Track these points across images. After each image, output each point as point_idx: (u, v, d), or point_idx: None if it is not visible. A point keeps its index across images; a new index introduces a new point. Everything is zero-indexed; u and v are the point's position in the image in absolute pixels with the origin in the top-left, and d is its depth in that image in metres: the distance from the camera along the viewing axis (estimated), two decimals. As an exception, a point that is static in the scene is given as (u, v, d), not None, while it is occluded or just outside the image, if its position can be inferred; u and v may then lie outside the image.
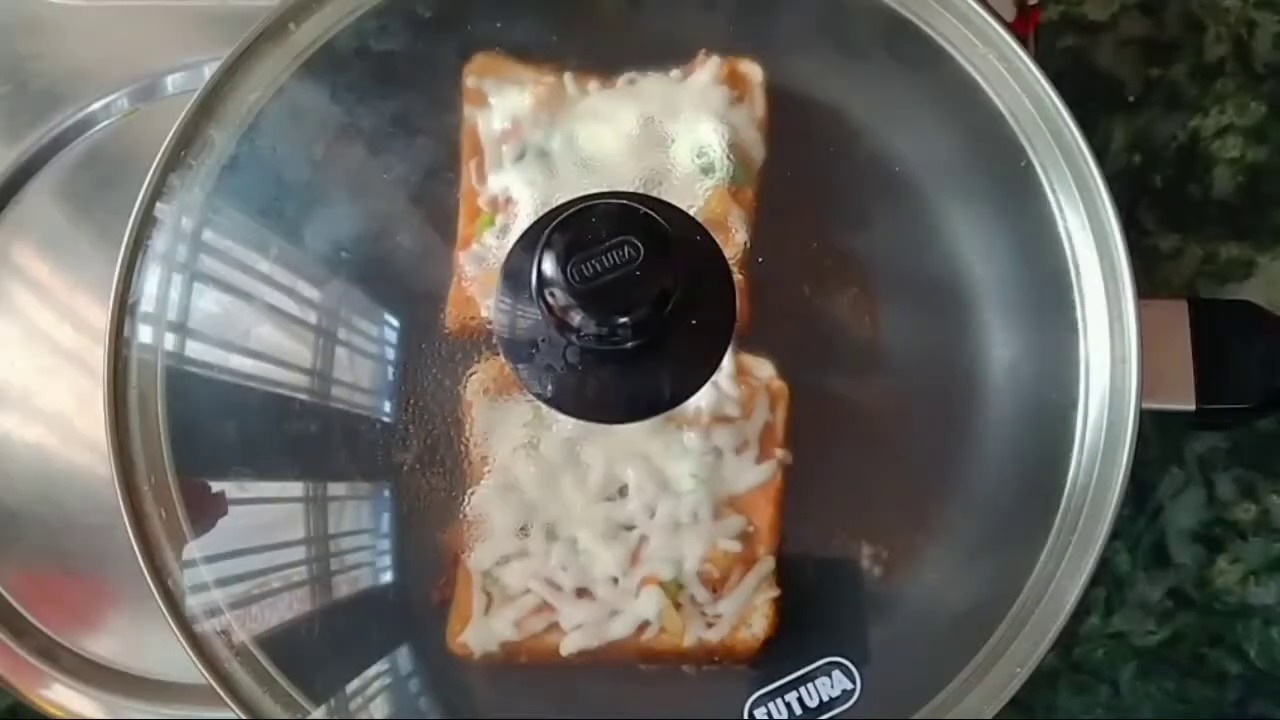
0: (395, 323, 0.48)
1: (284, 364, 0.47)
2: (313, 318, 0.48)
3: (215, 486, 0.44)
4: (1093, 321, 0.42)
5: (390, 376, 0.48)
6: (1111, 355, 0.41)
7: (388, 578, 0.45)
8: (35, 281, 0.52)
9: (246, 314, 0.47)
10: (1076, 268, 0.42)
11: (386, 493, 0.47)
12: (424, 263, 0.47)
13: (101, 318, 0.49)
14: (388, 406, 0.47)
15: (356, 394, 0.47)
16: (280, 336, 0.47)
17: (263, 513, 0.45)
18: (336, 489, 0.46)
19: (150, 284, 0.45)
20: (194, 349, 0.46)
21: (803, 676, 0.42)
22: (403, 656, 0.44)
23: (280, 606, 0.43)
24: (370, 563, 0.45)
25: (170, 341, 0.45)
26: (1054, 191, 0.44)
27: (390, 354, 0.48)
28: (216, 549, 0.43)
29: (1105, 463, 0.42)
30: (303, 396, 0.47)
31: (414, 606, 0.45)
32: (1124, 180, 0.53)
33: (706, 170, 0.46)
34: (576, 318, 0.33)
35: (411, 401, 0.47)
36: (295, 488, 0.46)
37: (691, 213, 0.45)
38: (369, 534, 0.46)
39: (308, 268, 0.48)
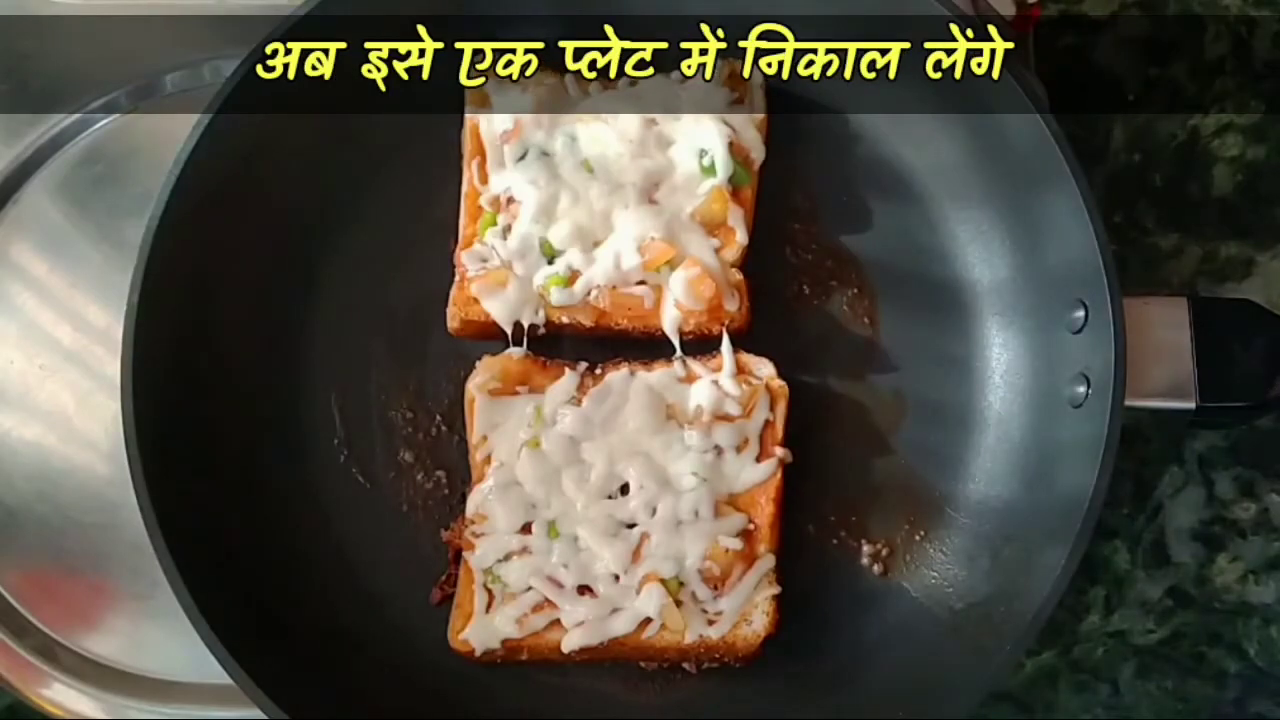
0: (395, 322, 0.48)
1: (283, 362, 0.47)
2: (312, 316, 0.48)
3: (215, 485, 0.44)
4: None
5: (390, 376, 0.48)
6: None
7: (388, 577, 0.45)
8: (34, 279, 0.52)
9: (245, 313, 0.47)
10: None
11: (387, 492, 0.47)
12: (424, 262, 0.48)
13: (100, 316, 0.49)
14: (389, 405, 0.47)
15: (356, 393, 0.47)
16: (279, 335, 0.47)
17: (262, 512, 0.45)
18: (336, 488, 0.46)
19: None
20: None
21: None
22: (403, 655, 0.44)
23: (282, 605, 0.43)
24: (370, 562, 0.45)
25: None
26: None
27: (390, 353, 0.48)
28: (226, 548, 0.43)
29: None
30: (302, 395, 0.47)
31: (414, 606, 0.45)
32: (1124, 180, 0.53)
33: (707, 170, 0.46)
34: None
35: (412, 400, 0.48)
36: (295, 487, 0.46)
37: (691, 212, 0.46)
38: (369, 533, 0.46)
39: (307, 266, 0.48)
